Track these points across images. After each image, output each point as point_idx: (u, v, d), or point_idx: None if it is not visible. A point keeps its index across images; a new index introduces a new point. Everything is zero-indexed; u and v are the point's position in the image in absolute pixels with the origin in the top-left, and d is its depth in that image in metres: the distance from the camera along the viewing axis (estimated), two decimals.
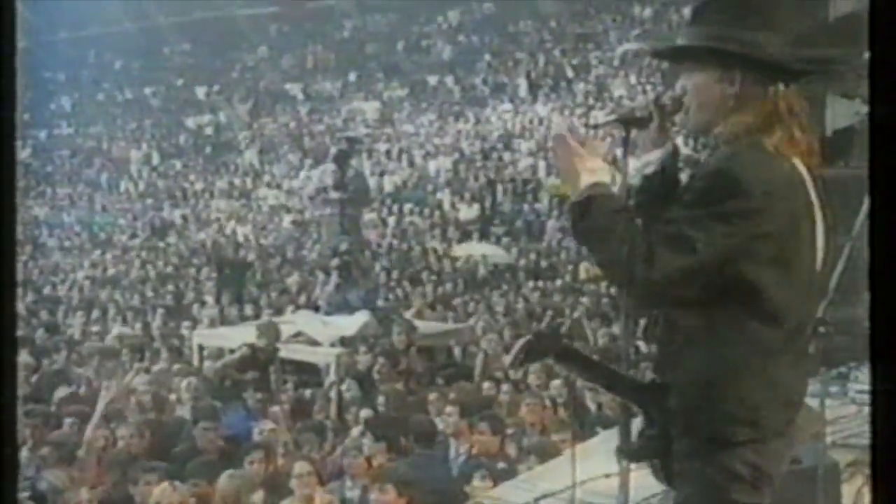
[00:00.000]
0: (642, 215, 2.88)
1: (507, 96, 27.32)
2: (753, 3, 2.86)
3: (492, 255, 18.65)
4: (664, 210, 2.78)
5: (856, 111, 6.67)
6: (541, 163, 22.67)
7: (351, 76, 30.86)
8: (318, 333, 11.38)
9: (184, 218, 25.14)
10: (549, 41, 29.25)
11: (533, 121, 25.19)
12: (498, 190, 21.99)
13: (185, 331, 13.28)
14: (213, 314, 14.80)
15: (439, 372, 10.29)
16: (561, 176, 2.95)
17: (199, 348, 12.11)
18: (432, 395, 8.10)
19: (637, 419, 2.88)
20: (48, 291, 18.76)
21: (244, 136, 29.22)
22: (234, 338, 11.37)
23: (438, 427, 7.34)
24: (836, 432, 5.34)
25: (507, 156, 23.78)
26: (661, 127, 2.93)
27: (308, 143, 27.66)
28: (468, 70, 29.52)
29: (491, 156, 24.00)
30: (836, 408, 5.64)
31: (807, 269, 2.74)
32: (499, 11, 31.03)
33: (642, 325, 2.98)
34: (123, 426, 7.60)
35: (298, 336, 11.40)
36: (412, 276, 17.39)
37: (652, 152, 2.91)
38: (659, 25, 27.42)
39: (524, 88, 27.08)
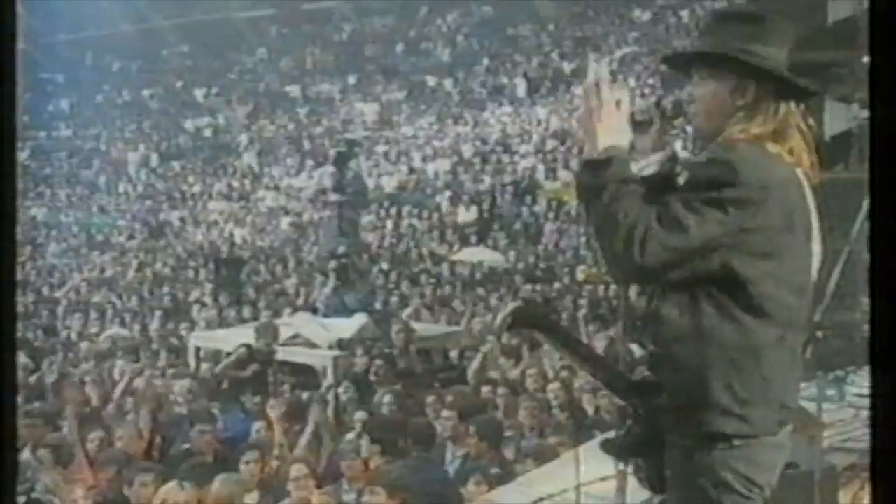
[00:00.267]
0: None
1: (506, 99, 27.33)
2: (766, 20, 2.88)
3: (489, 261, 18.62)
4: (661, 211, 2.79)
5: (854, 115, 6.68)
6: (539, 166, 22.67)
7: (350, 78, 30.86)
8: (316, 336, 11.38)
9: (182, 219, 25.13)
10: (548, 44, 29.25)
11: (532, 123, 25.19)
12: (496, 192, 21.99)
13: (183, 332, 13.28)
14: (211, 316, 14.80)
15: (436, 375, 10.28)
16: (581, 127, 2.87)
17: (196, 350, 12.11)
18: (430, 398, 8.10)
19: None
20: (46, 292, 18.75)
21: (243, 138, 29.21)
22: (232, 340, 11.36)
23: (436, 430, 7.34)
24: (834, 436, 5.35)
25: (506, 158, 23.77)
26: (662, 131, 2.94)
27: (307, 146, 27.65)
28: (467, 73, 29.52)
29: (490, 158, 24.00)
30: (834, 411, 5.65)
31: (799, 271, 2.73)
32: (497, 14, 31.03)
33: (631, 326, 2.98)
34: (120, 427, 7.60)
35: (296, 338, 11.40)
36: (410, 279, 17.38)
37: (651, 156, 2.92)
38: (657, 29, 27.45)
39: (523, 91, 27.09)
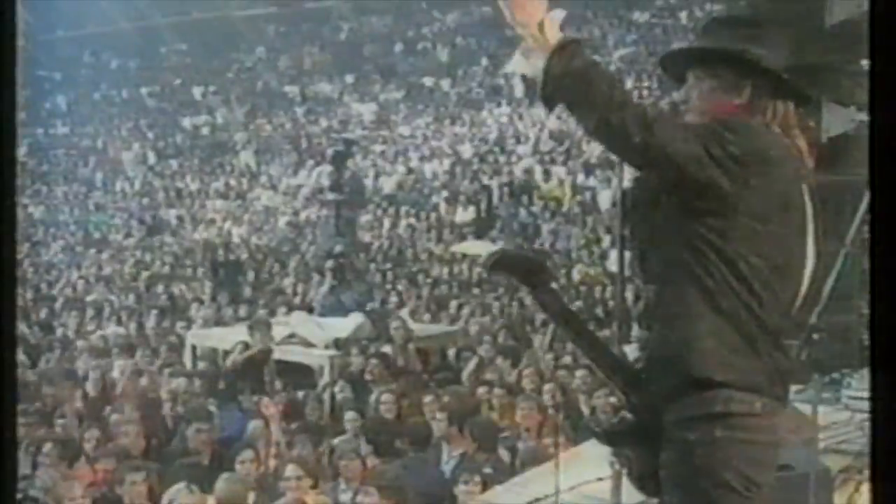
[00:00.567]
0: (635, 216, 2.91)
1: (504, 99, 27.34)
2: (763, 25, 2.90)
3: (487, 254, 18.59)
4: (656, 212, 2.81)
5: (851, 118, 6.69)
6: (536, 166, 22.69)
7: (348, 78, 30.86)
8: (313, 335, 11.38)
9: (179, 218, 25.12)
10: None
11: (529, 124, 25.20)
12: (494, 193, 22.00)
13: (180, 330, 13.28)
14: (208, 314, 14.79)
15: (433, 375, 10.29)
16: (518, 24, 2.72)
17: (193, 349, 12.10)
18: (427, 398, 8.10)
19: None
20: (44, 289, 18.74)
21: (240, 137, 29.21)
22: (228, 338, 11.35)
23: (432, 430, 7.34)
24: (829, 438, 5.36)
25: (504, 159, 23.79)
26: None
27: (305, 145, 27.65)
28: (465, 73, 29.53)
29: (487, 159, 24.01)
30: (829, 414, 5.66)
31: (784, 254, 2.75)
32: (496, 15, 30.85)
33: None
34: (113, 424, 7.59)
35: (292, 337, 11.40)
36: (407, 279, 17.39)
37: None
38: (655, 31, 27.47)
39: (520, 92, 27.09)
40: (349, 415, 7.95)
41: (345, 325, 11.57)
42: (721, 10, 23.79)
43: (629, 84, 25.03)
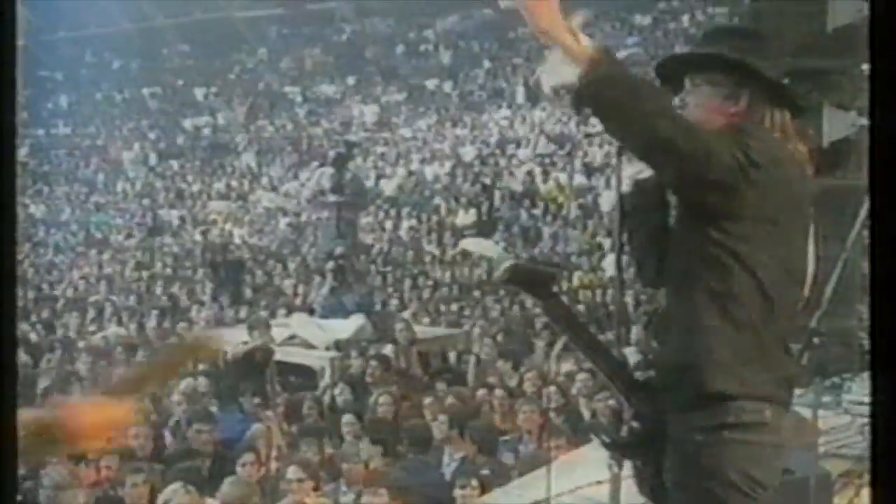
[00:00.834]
0: (634, 220, 2.92)
1: (506, 102, 27.35)
2: (761, 36, 2.92)
3: (490, 252, 18.53)
4: (655, 216, 2.82)
5: (852, 122, 6.69)
6: (537, 169, 22.68)
7: (350, 80, 30.87)
8: (313, 337, 11.38)
9: (181, 219, 25.13)
10: (549, 48, 29.26)
11: (531, 127, 25.20)
12: (495, 195, 21.99)
13: (181, 331, 13.28)
14: (209, 316, 14.79)
15: (434, 377, 10.28)
16: (543, 33, 2.62)
17: None
18: (427, 401, 8.09)
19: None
20: (45, 290, 18.75)
21: (242, 138, 29.22)
22: (229, 339, 11.35)
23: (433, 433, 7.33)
24: (829, 442, 5.36)
25: (505, 162, 23.79)
26: None
27: (306, 147, 27.66)
28: (467, 75, 29.54)
29: (488, 161, 24.01)
30: (829, 418, 5.66)
31: (795, 264, 2.76)
32: (498, 17, 31.02)
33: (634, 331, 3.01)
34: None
35: (293, 339, 11.40)
36: (408, 281, 17.39)
37: (634, 165, 2.95)
38: (656, 34, 27.47)
39: (522, 95, 27.10)
40: (346, 418, 7.95)
41: (345, 327, 11.58)
42: (723, 15, 23.75)
43: None
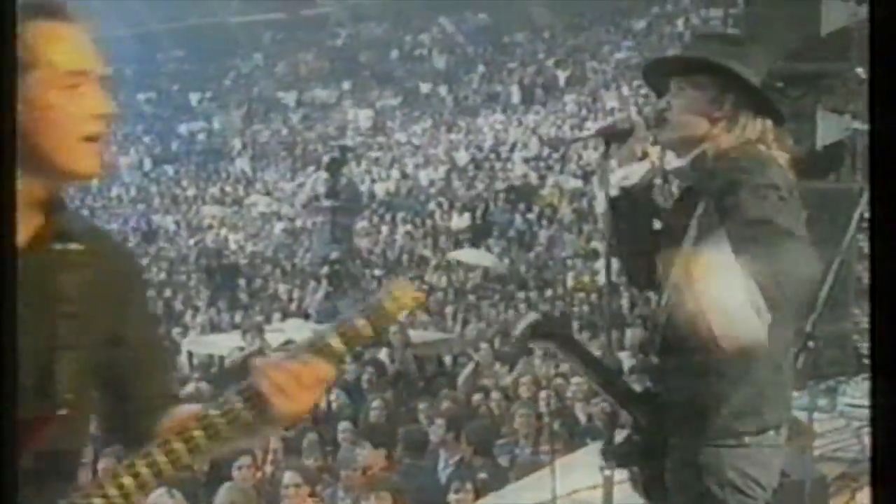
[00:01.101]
0: (621, 225, 2.93)
1: (500, 106, 27.38)
2: (745, 43, 2.95)
3: (485, 264, 18.56)
4: (642, 220, 2.84)
5: (846, 126, 6.70)
6: (532, 173, 22.70)
7: (344, 84, 30.89)
8: None
9: (176, 224, 25.11)
10: (543, 52, 29.32)
11: (525, 131, 25.24)
12: (490, 199, 22.01)
13: (176, 337, 13.27)
14: (204, 321, 14.78)
15: (429, 381, 10.28)
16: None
17: (189, 355, 12.09)
18: (423, 405, 8.09)
19: (622, 431, 2.91)
20: None
21: (236, 143, 29.21)
22: (224, 345, 11.35)
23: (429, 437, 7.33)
24: (825, 445, 5.36)
25: (500, 165, 23.81)
26: (642, 140, 2.98)
27: (300, 151, 27.66)
28: (461, 79, 29.58)
29: (483, 165, 24.03)
30: (825, 421, 5.67)
31: (799, 271, 2.76)
32: (493, 22, 31.11)
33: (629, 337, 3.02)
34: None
35: (288, 344, 11.38)
36: None
37: (631, 165, 2.96)
38: (651, 37, 27.53)
39: (517, 98, 27.14)
40: (342, 425, 7.95)
41: None
42: (717, 18, 23.81)
43: (625, 90, 25.07)
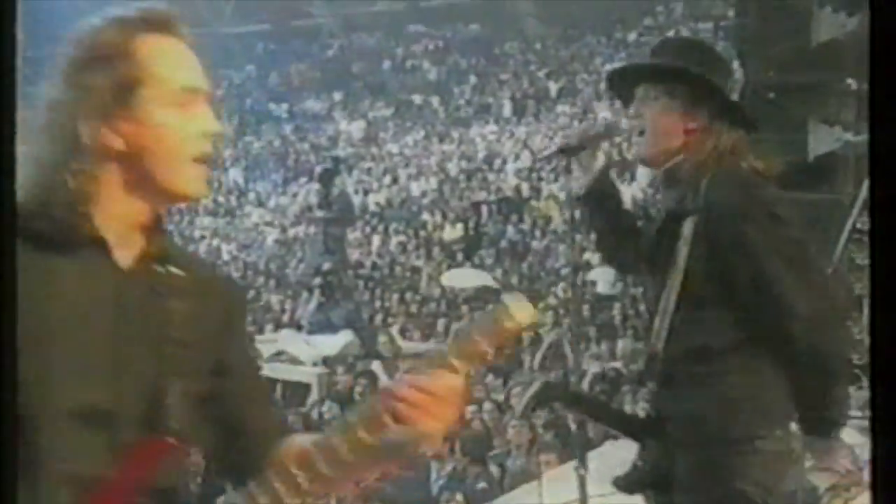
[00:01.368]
0: (582, 228, 3.03)
1: (492, 117, 27.41)
2: (714, 50, 2.96)
3: (479, 285, 18.46)
4: (603, 221, 2.89)
5: (838, 137, 6.72)
6: (524, 184, 22.71)
7: (336, 95, 30.91)
8: (301, 353, 11.36)
9: (168, 234, 25.03)
10: (535, 63, 29.37)
11: (517, 142, 25.26)
12: (482, 210, 22.01)
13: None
14: None
15: None
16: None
17: None
18: None
19: (604, 445, 2.92)
20: None
21: (229, 154, 29.19)
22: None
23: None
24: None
25: (492, 177, 23.82)
26: (591, 155, 3.03)
27: (293, 162, 27.65)
28: (454, 91, 29.61)
29: (475, 176, 24.04)
30: None
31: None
32: (485, 33, 31.16)
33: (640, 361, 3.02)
34: None
35: (280, 355, 11.37)
36: (396, 296, 17.36)
37: (584, 175, 3.05)
38: (643, 49, 27.60)
39: (509, 109, 27.17)
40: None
41: (333, 343, 11.56)
42: (708, 31, 23.85)
43: (617, 102, 25.09)
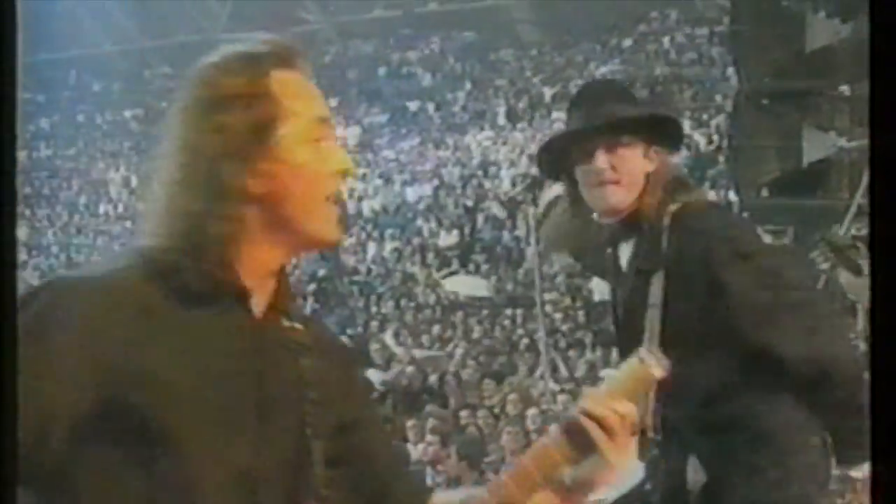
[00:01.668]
0: (543, 236, 3.12)
1: (488, 123, 27.44)
2: (631, 86, 3.05)
3: (476, 291, 18.44)
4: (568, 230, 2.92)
5: (832, 143, 6.73)
6: (520, 190, 22.72)
7: (332, 101, 30.88)
8: None
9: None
10: (530, 69, 29.42)
11: (513, 148, 25.28)
12: (477, 217, 22.02)
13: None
14: None
15: (416, 399, 10.27)
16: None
17: None
18: (410, 422, 8.09)
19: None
20: None
21: None
22: None
23: (414, 455, 7.33)
24: None
25: (487, 183, 23.84)
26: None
27: None
28: (449, 97, 29.64)
29: (471, 183, 24.06)
30: None
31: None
32: (480, 39, 31.20)
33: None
34: None
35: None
36: (391, 303, 17.36)
37: (552, 188, 3.10)
38: (638, 56, 27.64)
39: (503, 116, 27.20)
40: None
41: None
42: (703, 37, 23.88)
43: None
